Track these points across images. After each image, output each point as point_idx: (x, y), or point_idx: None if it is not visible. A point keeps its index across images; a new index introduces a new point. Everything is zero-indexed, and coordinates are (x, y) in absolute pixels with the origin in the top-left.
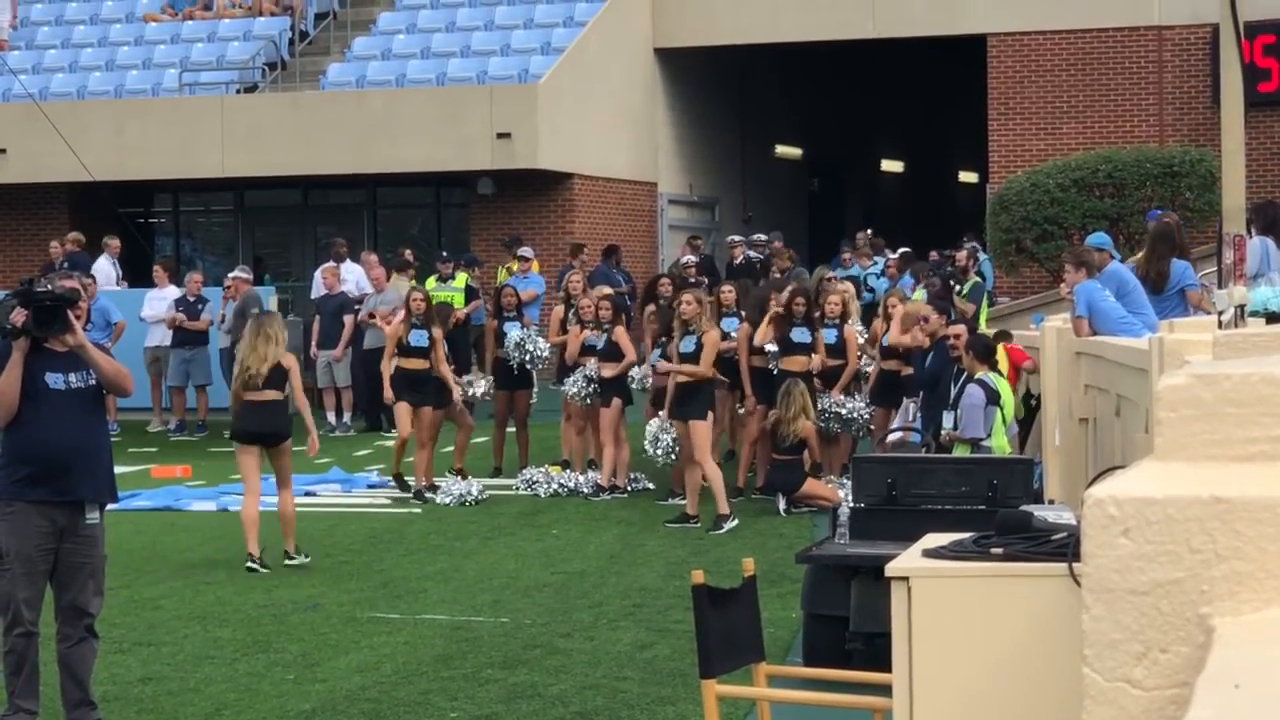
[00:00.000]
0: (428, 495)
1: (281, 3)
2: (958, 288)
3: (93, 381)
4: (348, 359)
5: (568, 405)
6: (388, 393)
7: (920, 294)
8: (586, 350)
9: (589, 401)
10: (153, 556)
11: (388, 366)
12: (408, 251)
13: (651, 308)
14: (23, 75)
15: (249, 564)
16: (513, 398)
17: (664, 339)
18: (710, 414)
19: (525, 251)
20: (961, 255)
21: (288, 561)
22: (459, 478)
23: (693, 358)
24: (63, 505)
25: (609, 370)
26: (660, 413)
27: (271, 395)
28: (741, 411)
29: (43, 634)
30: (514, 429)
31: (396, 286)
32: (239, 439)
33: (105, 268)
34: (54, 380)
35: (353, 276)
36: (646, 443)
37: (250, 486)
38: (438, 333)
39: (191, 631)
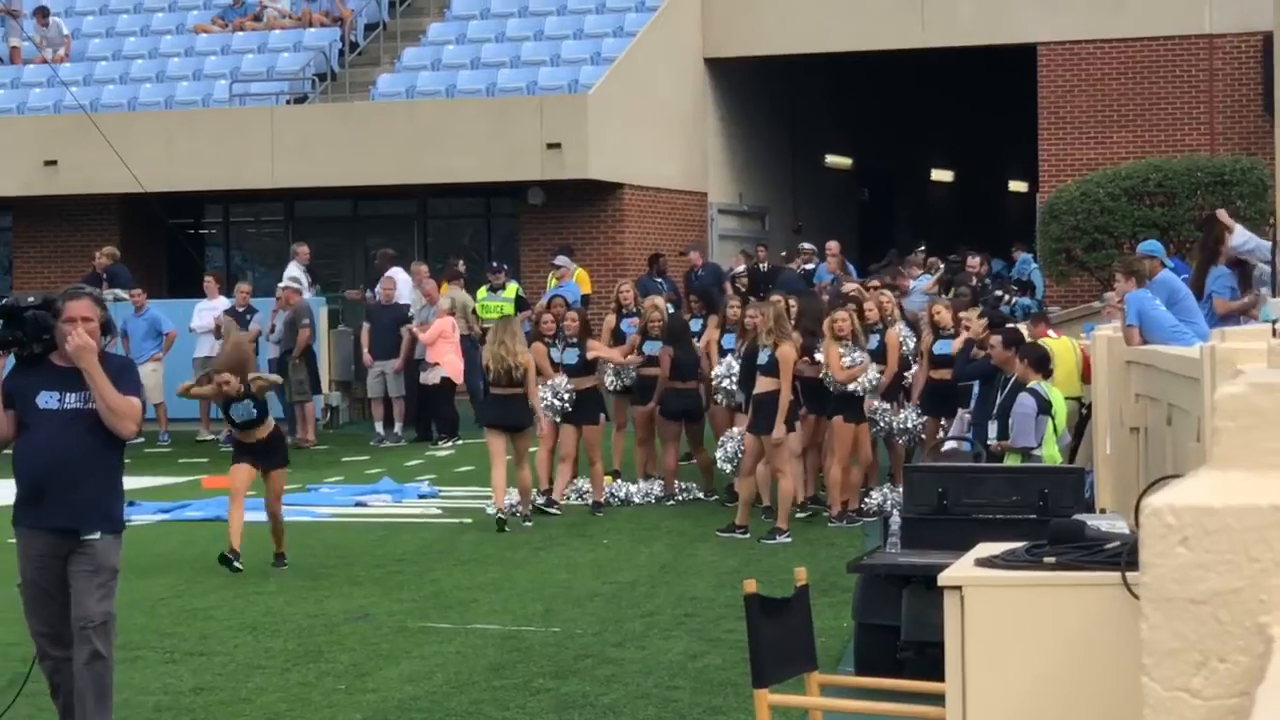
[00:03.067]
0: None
1: (331, 14)
2: (1007, 297)
3: (94, 405)
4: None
5: (619, 414)
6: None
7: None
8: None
9: (556, 419)
10: (204, 567)
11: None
12: (460, 263)
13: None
14: (74, 87)
15: (498, 515)
16: None
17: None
18: (784, 427)
19: (561, 260)
20: (975, 262)
21: (544, 510)
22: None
23: (768, 370)
24: (54, 531)
25: (584, 384)
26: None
27: (514, 390)
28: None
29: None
30: None
31: (449, 296)
32: (487, 425)
33: (296, 273)
34: (46, 399)
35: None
36: (718, 448)
37: (496, 462)
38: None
39: (242, 641)
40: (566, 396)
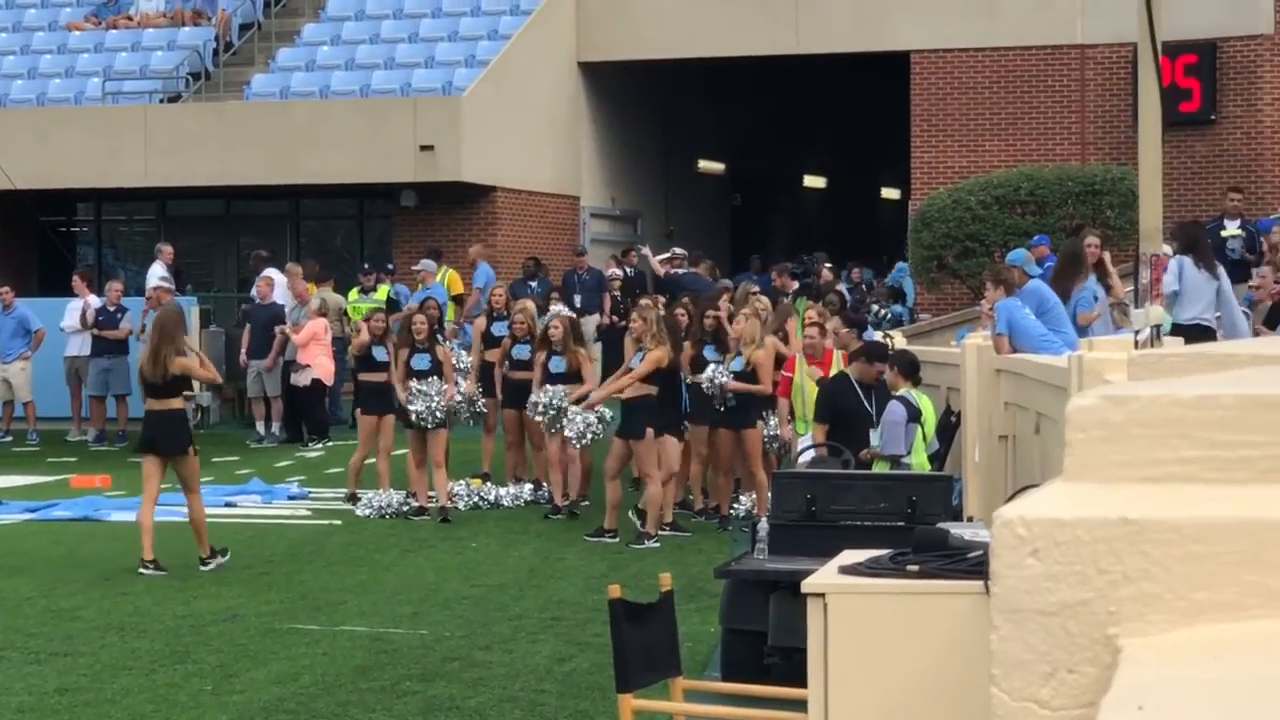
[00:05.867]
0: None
1: (205, 13)
2: (877, 308)
3: None
4: (277, 369)
5: (489, 417)
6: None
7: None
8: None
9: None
10: (71, 566)
11: None
12: (315, 266)
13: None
14: None
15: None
16: None
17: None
18: (650, 430)
19: (422, 264)
20: (825, 271)
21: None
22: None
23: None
24: None
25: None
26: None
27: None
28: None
29: None
30: None
31: (318, 297)
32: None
33: (161, 273)
34: None
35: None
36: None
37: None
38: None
39: (109, 642)
40: (438, 402)
